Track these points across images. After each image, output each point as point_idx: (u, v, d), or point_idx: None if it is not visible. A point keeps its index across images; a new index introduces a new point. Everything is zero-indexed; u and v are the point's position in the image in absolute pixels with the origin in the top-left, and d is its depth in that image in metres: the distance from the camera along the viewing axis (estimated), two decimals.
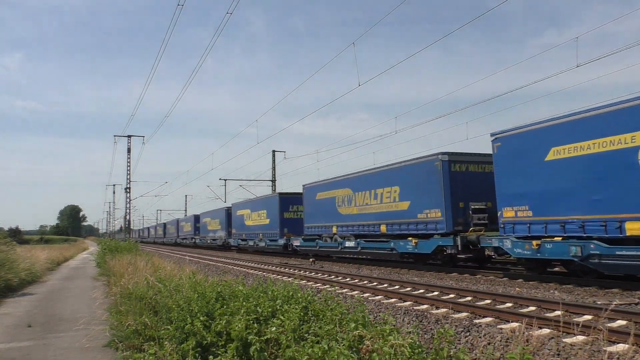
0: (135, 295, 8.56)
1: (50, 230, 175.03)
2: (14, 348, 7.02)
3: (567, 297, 10.61)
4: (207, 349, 4.83)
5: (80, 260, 32.83)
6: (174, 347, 4.75)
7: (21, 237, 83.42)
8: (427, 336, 7.30)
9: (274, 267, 22.84)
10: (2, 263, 14.55)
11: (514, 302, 10.04)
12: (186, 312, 5.66)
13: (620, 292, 11.16)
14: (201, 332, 4.94)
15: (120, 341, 6.45)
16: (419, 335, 4.29)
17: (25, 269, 16.64)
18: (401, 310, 9.78)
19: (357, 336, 3.80)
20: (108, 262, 18.50)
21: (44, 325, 8.74)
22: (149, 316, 6.82)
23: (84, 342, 7.13)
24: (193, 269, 11.48)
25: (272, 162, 48.56)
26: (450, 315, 8.95)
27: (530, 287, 12.66)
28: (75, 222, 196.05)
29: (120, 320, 7.49)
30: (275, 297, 5.63)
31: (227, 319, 4.91)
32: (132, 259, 15.62)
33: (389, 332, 3.68)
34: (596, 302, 9.69)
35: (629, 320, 7.76)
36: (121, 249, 23.21)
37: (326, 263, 24.61)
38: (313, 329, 4.38)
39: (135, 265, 13.50)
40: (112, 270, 15.18)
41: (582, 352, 6.01)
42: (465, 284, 13.70)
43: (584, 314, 8.42)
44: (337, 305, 4.92)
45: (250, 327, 4.59)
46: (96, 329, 7.82)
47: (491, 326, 7.88)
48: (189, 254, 38.37)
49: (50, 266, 23.58)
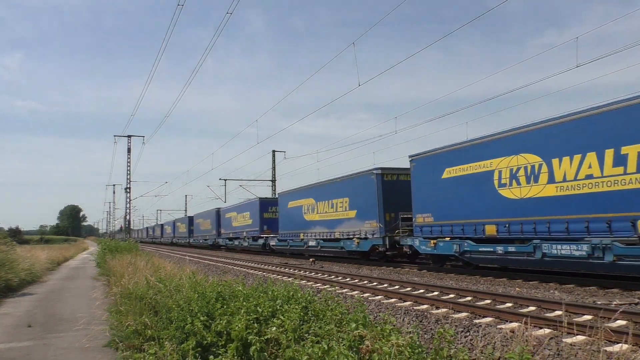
0: (135, 295, 8.56)
1: (50, 230, 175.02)
2: (14, 348, 7.03)
3: (567, 297, 10.62)
4: (207, 349, 4.83)
5: (80, 260, 32.83)
6: (174, 347, 4.75)
7: (21, 237, 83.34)
8: (427, 336, 7.30)
9: (274, 267, 22.85)
10: (2, 263, 14.55)
11: (514, 302, 10.04)
12: (186, 312, 5.66)
13: (620, 292, 11.17)
14: (201, 332, 4.95)
15: (120, 341, 6.45)
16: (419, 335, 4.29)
17: (25, 269, 16.65)
18: (401, 310, 9.78)
19: (357, 336, 3.80)
20: (108, 262, 18.51)
21: (44, 325, 8.74)
22: (149, 316, 6.82)
23: (84, 342, 7.13)
24: (193, 269, 11.49)
25: (272, 162, 48.62)
26: (450, 315, 8.95)
27: (530, 287, 12.66)
28: (75, 222, 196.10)
29: (120, 320, 7.50)
30: (275, 297, 5.63)
31: (227, 319, 4.91)
32: (132, 259, 15.63)
33: (389, 332, 3.68)
34: (596, 302, 9.69)
35: (629, 320, 7.76)
36: (121, 249, 23.21)
37: (326, 263, 24.66)
38: (313, 329, 4.38)
39: (135, 265, 13.50)
40: (112, 270, 15.19)
41: (582, 352, 6.01)
42: (465, 284, 13.71)
43: (584, 314, 8.43)
44: (337, 305, 4.93)
45: (251, 327, 4.59)
46: (96, 329, 7.83)
47: (491, 326, 7.89)
48: (189, 254, 38.38)
49: (50, 266, 23.59)
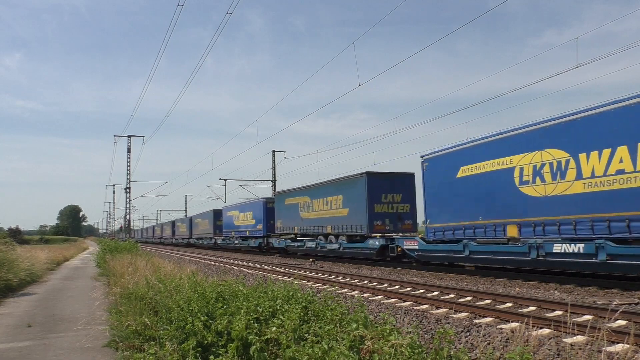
0: (135, 295, 8.55)
1: (50, 230, 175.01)
2: (14, 348, 7.02)
3: (567, 297, 10.61)
4: (207, 349, 4.83)
5: (80, 260, 32.82)
6: (174, 347, 4.74)
7: (21, 237, 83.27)
8: (427, 336, 7.29)
9: (274, 267, 22.84)
10: (2, 263, 14.53)
11: (514, 302, 10.04)
12: (186, 312, 5.65)
13: (620, 292, 11.16)
14: (201, 332, 4.94)
15: (120, 341, 6.44)
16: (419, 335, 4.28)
17: (25, 269, 16.62)
18: (401, 310, 9.78)
19: (357, 336, 3.80)
20: (108, 262, 18.49)
21: (44, 325, 8.73)
22: (149, 316, 6.82)
23: (84, 342, 7.13)
24: (193, 269, 11.48)
25: (272, 162, 48.60)
26: (450, 315, 8.95)
27: (530, 287, 12.66)
28: (75, 222, 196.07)
29: (120, 320, 7.48)
30: (275, 297, 5.63)
31: (228, 319, 4.91)
32: (132, 259, 15.61)
33: (390, 332, 3.68)
34: (596, 302, 9.69)
35: (629, 320, 7.76)
36: (121, 249, 23.18)
37: (326, 263, 24.64)
38: (313, 329, 4.38)
39: (135, 265, 13.48)
40: (112, 270, 15.18)
41: (582, 352, 6.01)
42: (465, 284, 13.70)
43: (584, 314, 8.42)
44: (337, 305, 4.92)
45: (251, 327, 4.59)
46: (96, 329, 7.82)
47: (491, 326, 7.88)
48: (189, 254, 38.37)
49: (50, 266, 23.56)
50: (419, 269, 18.54)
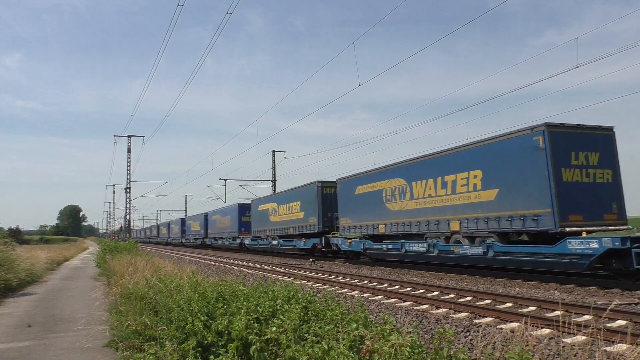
0: (135, 295, 8.55)
1: (50, 230, 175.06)
2: (14, 348, 7.02)
3: (567, 297, 10.61)
4: (207, 349, 4.83)
5: (80, 260, 32.82)
6: (174, 347, 4.74)
7: (21, 237, 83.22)
8: (427, 336, 7.29)
9: (274, 267, 22.85)
10: (2, 263, 14.53)
11: (514, 302, 10.04)
12: (186, 312, 5.65)
13: (620, 292, 11.17)
14: (202, 331, 4.94)
15: (120, 341, 6.44)
16: (419, 335, 4.28)
17: (25, 269, 16.62)
18: (401, 310, 9.78)
19: (357, 336, 3.80)
20: (108, 262, 18.50)
21: (44, 325, 8.73)
22: (149, 316, 6.81)
23: (84, 342, 7.13)
24: (193, 269, 11.48)
25: (272, 162, 48.55)
26: (450, 315, 8.95)
27: (530, 287, 12.66)
28: (75, 222, 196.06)
29: (120, 320, 7.48)
30: (275, 297, 5.63)
31: (228, 319, 4.91)
32: (132, 259, 15.61)
33: (390, 332, 3.68)
34: (596, 302, 9.68)
35: (629, 320, 7.76)
36: (121, 249, 23.19)
37: (326, 263, 24.68)
38: (313, 329, 4.37)
39: (135, 265, 13.48)
40: (112, 270, 15.18)
41: (581, 352, 6.01)
42: (465, 284, 13.71)
43: (584, 314, 8.42)
44: (338, 305, 4.92)
45: (251, 327, 4.59)
46: (96, 329, 7.82)
47: (491, 326, 7.89)
48: (189, 254, 38.38)
49: (50, 266, 23.57)
50: (419, 269, 18.55)
